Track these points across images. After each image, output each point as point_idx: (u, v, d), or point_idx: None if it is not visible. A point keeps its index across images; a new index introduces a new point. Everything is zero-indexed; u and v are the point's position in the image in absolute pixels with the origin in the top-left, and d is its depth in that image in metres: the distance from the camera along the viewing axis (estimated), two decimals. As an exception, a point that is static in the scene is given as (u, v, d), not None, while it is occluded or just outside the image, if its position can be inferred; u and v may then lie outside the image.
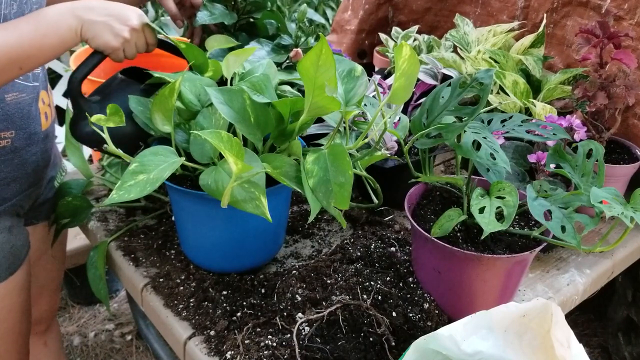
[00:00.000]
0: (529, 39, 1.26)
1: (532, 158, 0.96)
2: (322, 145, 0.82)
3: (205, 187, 0.75)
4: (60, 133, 2.42)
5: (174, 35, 1.20)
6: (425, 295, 0.87)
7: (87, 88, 1.70)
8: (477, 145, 0.82)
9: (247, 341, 0.79)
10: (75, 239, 1.71)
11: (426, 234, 0.81)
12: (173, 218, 1.05)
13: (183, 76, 0.82)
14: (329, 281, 0.89)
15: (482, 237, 0.75)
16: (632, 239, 1.11)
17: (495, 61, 1.21)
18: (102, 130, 0.81)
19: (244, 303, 0.86)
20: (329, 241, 1.04)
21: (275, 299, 0.87)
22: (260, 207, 0.73)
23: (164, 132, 0.84)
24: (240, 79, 0.90)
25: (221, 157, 0.79)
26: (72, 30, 0.81)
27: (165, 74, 0.89)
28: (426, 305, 0.86)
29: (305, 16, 1.09)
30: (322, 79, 0.70)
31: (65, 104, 2.42)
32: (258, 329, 0.82)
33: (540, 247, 0.80)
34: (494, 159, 0.80)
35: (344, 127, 0.87)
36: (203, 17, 1.07)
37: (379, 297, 0.85)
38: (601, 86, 1.04)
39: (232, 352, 0.78)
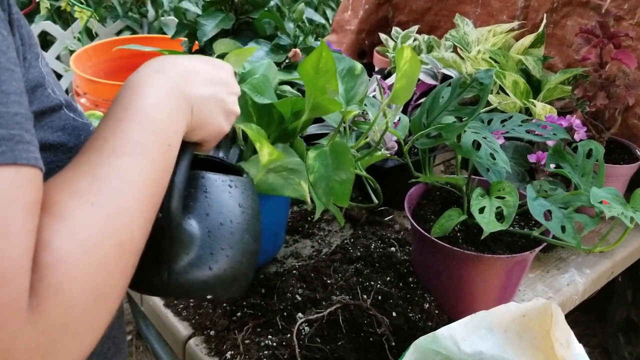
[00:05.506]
0: (529, 39, 1.26)
1: (532, 158, 0.96)
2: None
3: None
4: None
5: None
6: (425, 295, 0.87)
7: (86, 88, 1.70)
8: (477, 145, 0.82)
9: (247, 341, 0.79)
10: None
11: (426, 234, 0.81)
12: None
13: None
14: (329, 281, 0.89)
15: (482, 237, 0.75)
16: (632, 239, 1.11)
17: (495, 61, 1.21)
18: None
19: (244, 303, 0.86)
20: (329, 241, 1.04)
21: (275, 299, 0.86)
22: (300, 190, 0.75)
23: None
24: (241, 78, 0.90)
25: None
26: (187, 120, 0.49)
27: None
28: (426, 305, 0.85)
29: (302, 15, 1.08)
30: (322, 81, 0.70)
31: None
32: (258, 329, 0.82)
33: (540, 247, 0.80)
34: (494, 159, 0.80)
35: (344, 127, 0.87)
36: (207, 30, 1.06)
37: (379, 297, 0.85)
38: (601, 86, 1.04)
39: (232, 352, 0.78)
